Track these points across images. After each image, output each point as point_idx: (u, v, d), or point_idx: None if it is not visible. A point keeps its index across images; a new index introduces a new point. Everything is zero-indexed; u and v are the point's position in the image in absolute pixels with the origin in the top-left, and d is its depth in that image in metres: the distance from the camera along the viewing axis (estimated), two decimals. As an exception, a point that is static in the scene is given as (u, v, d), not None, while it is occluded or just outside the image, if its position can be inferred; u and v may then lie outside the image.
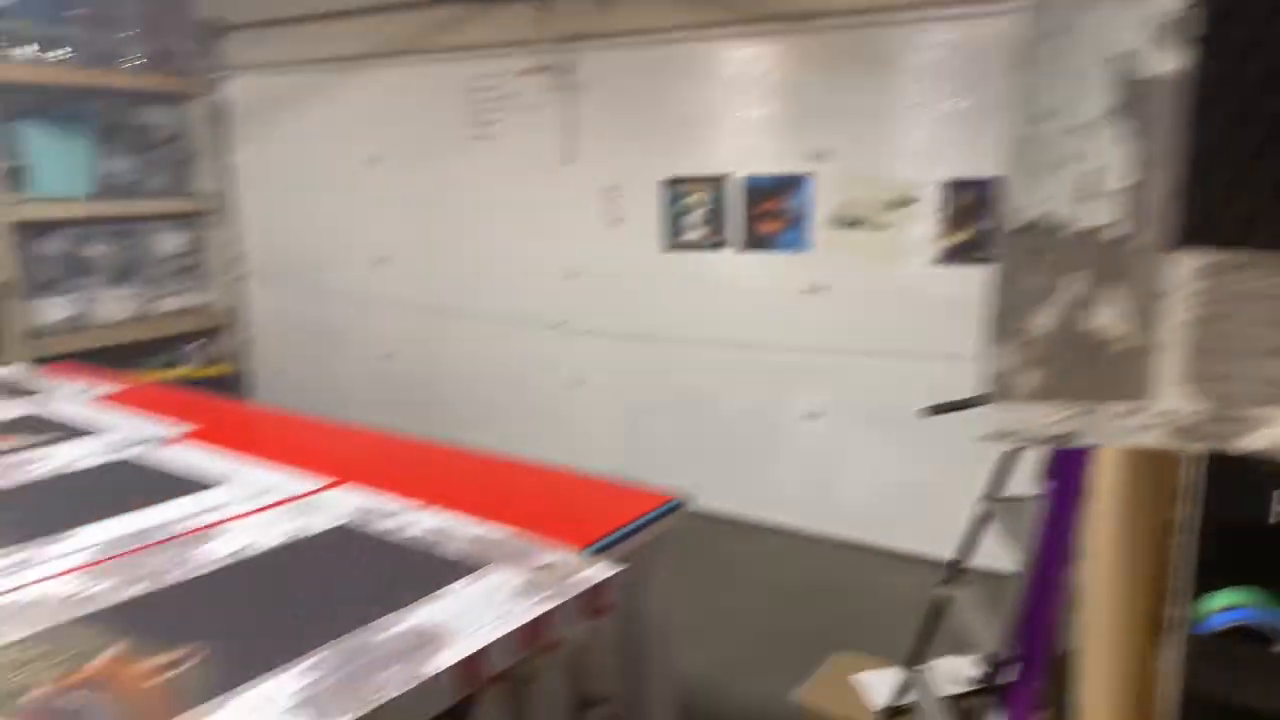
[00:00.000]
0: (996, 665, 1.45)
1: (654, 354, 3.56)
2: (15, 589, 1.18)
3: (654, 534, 1.49)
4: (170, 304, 4.88)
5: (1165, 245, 0.59)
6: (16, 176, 4.06)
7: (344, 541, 1.33)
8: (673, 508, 1.53)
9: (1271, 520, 0.84)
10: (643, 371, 3.62)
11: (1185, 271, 0.58)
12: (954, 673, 2.12)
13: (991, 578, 1.93)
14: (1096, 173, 0.60)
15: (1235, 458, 0.63)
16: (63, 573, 1.23)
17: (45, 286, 4.35)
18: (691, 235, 3.40)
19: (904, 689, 2.11)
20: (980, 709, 1.75)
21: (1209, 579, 0.84)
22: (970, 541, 1.97)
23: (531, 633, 1.22)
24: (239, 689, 0.94)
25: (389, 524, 1.39)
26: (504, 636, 1.08)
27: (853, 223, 3.11)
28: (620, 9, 3.35)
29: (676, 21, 3.26)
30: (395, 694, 0.93)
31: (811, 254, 3.19)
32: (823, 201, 3.14)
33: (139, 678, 0.96)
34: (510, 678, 1.26)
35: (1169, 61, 0.57)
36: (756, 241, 3.28)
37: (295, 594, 1.16)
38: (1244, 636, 0.84)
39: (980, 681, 1.63)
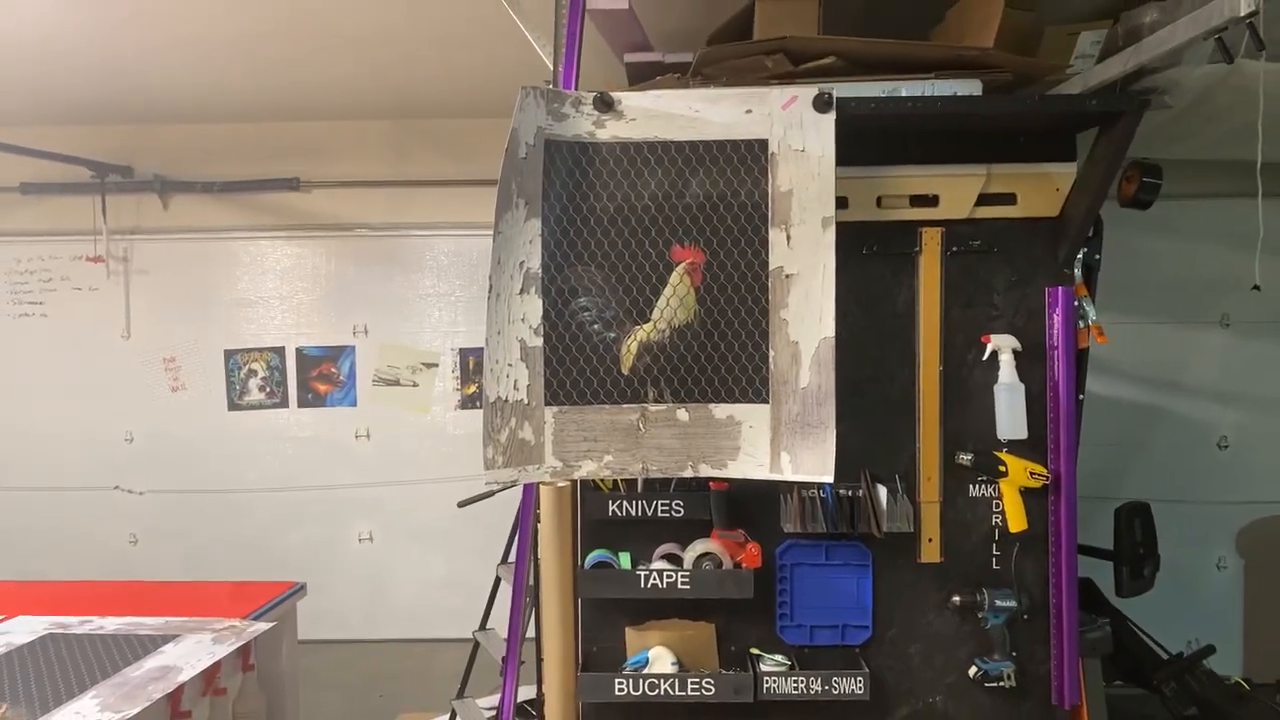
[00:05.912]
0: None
1: (218, 506, 3.98)
2: None
3: (285, 610, 2.16)
4: None
5: (544, 405, 1.62)
6: None
7: (54, 644, 1.80)
8: (296, 590, 2.22)
9: (609, 514, 1.89)
10: (205, 524, 4.00)
11: (550, 414, 1.61)
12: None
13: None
14: (519, 378, 1.60)
15: (586, 482, 1.65)
16: None
17: None
18: (254, 397, 3.98)
19: (453, 715, 2.91)
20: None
21: (588, 544, 1.91)
22: (491, 600, 2.90)
23: (212, 674, 1.83)
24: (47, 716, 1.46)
25: (85, 629, 1.87)
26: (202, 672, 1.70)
27: (390, 381, 4.00)
28: (176, 209, 3.92)
29: (230, 223, 3.94)
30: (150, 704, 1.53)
31: (359, 408, 4.00)
32: (365, 366, 3.99)
33: None
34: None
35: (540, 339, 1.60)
36: (312, 399, 3.99)
37: (52, 669, 1.64)
38: (601, 568, 1.89)
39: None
